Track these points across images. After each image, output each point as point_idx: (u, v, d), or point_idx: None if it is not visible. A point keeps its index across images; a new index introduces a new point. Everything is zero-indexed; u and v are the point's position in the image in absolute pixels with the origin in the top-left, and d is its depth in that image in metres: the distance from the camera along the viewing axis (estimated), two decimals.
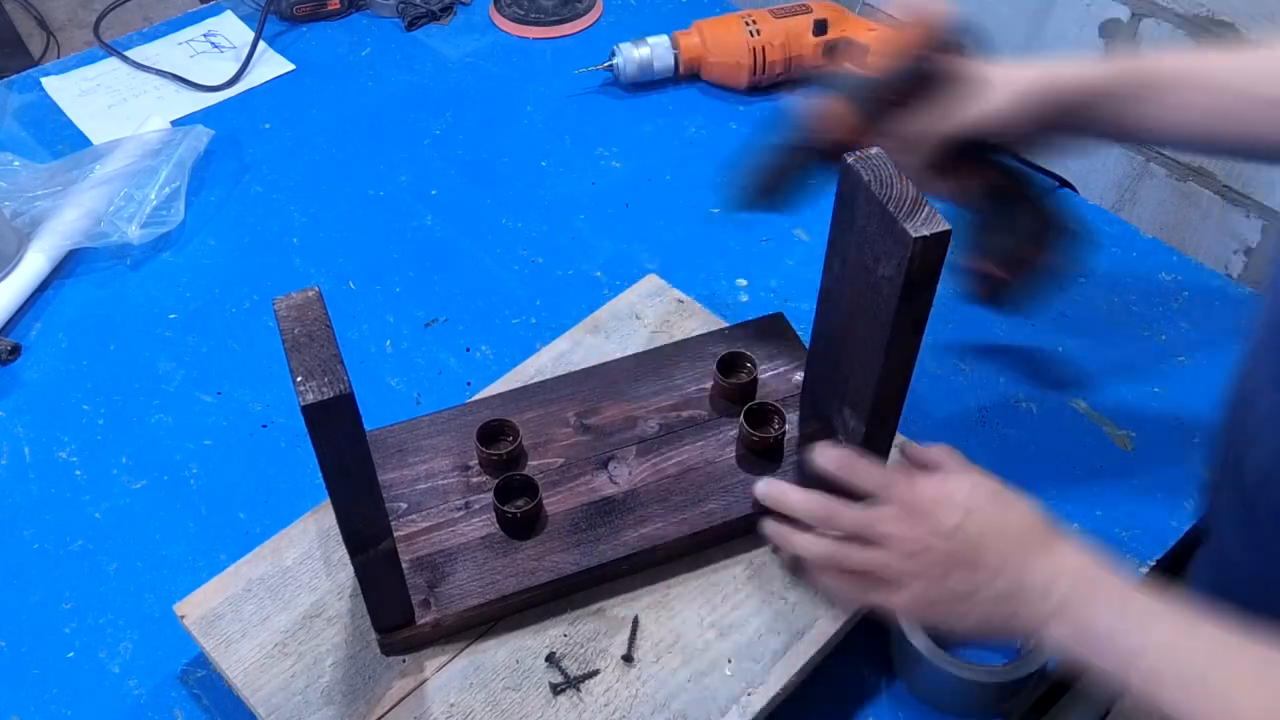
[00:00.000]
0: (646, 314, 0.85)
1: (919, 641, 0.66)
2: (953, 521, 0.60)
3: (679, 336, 0.82)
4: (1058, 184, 1.06)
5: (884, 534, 0.62)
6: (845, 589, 0.65)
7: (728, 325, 0.81)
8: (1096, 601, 0.56)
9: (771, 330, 0.80)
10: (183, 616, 0.66)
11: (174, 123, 1.11)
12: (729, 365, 0.76)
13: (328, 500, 0.61)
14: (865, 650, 0.70)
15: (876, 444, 0.68)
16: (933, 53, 0.65)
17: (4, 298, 0.92)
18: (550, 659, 0.64)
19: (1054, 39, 1.20)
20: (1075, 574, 0.58)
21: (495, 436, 0.72)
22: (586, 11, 1.28)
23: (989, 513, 0.61)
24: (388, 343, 0.91)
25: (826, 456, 0.66)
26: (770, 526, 0.67)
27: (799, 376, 0.76)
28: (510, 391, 0.77)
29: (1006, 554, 0.60)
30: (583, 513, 0.69)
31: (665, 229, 1.01)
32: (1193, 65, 0.67)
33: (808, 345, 0.74)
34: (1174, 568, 0.79)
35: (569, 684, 0.63)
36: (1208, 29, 1.06)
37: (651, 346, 0.80)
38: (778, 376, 0.77)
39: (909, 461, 0.68)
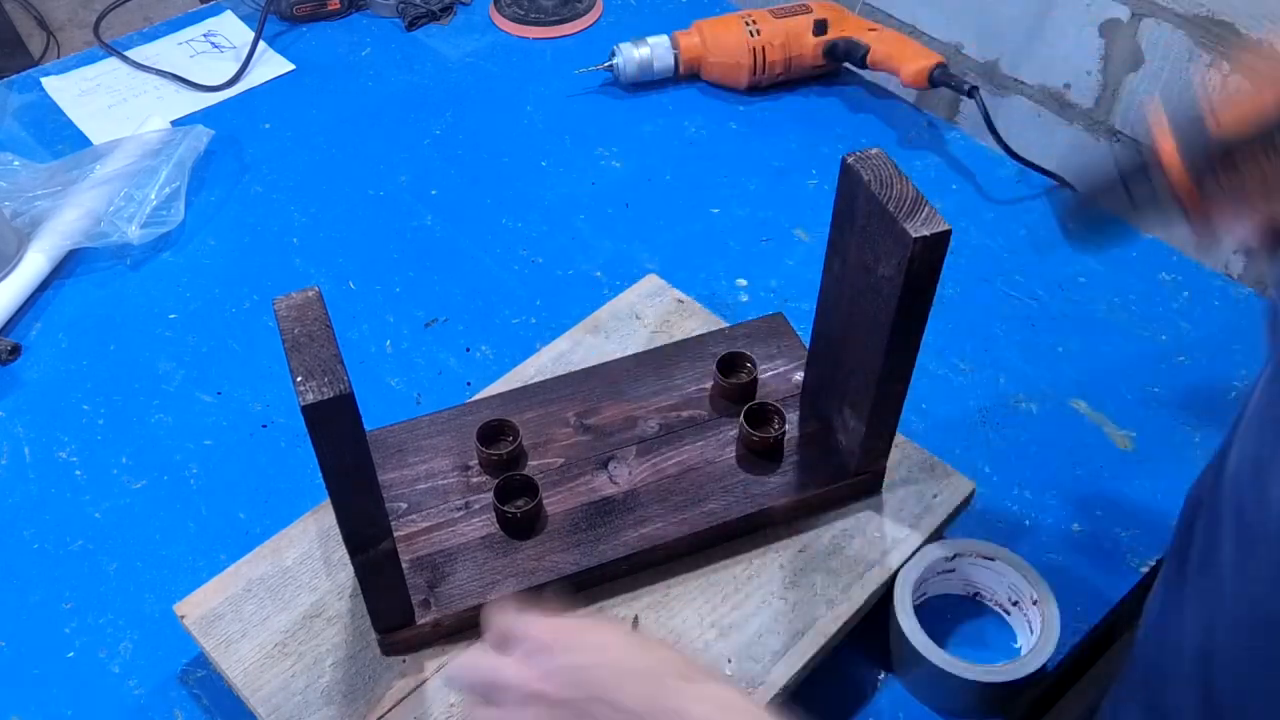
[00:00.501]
0: (646, 314, 0.85)
1: (919, 641, 0.66)
2: (573, 661, 0.52)
3: (679, 336, 0.82)
4: (1057, 184, 1.06)
5: (501, 683, 0.53)
6: None
7: (728, 325, 0.81)
8: None
9: (771, 330, 0.80)
10: (183, 616, 0.66)
11: (174, 123, 1.11)
12: (729, 365, 0.76)
13: (328, 500, 0.61)
14: (865, 650, 0.70)
15: (876, 444, 0.69)
16: None
17: (4, 298, 0.92)
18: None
19: (1054, 39, 1.20)
20: (705, 715, 0.50)
21: (495, 436, 0.72)
22: (586, 11, 1.28)
23: (613, 651, 0.53)
24: (388, 343, 0.91)
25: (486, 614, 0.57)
26: None
27: (799, 376, 0.76)
28: (510, 391, 0.77)
29: (632, 695, 0.51)
30: (583, 513, 0.69)
31: (665, 229, 1.01)
32: None
33: (808, 345, 0.74)
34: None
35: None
36: (1208, 29, 1.06)
37: (651, 346, 0.80)
38: (778, 376, 0.77)
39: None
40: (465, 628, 0.65)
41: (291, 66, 1.20)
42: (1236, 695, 0.50)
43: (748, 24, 1.14)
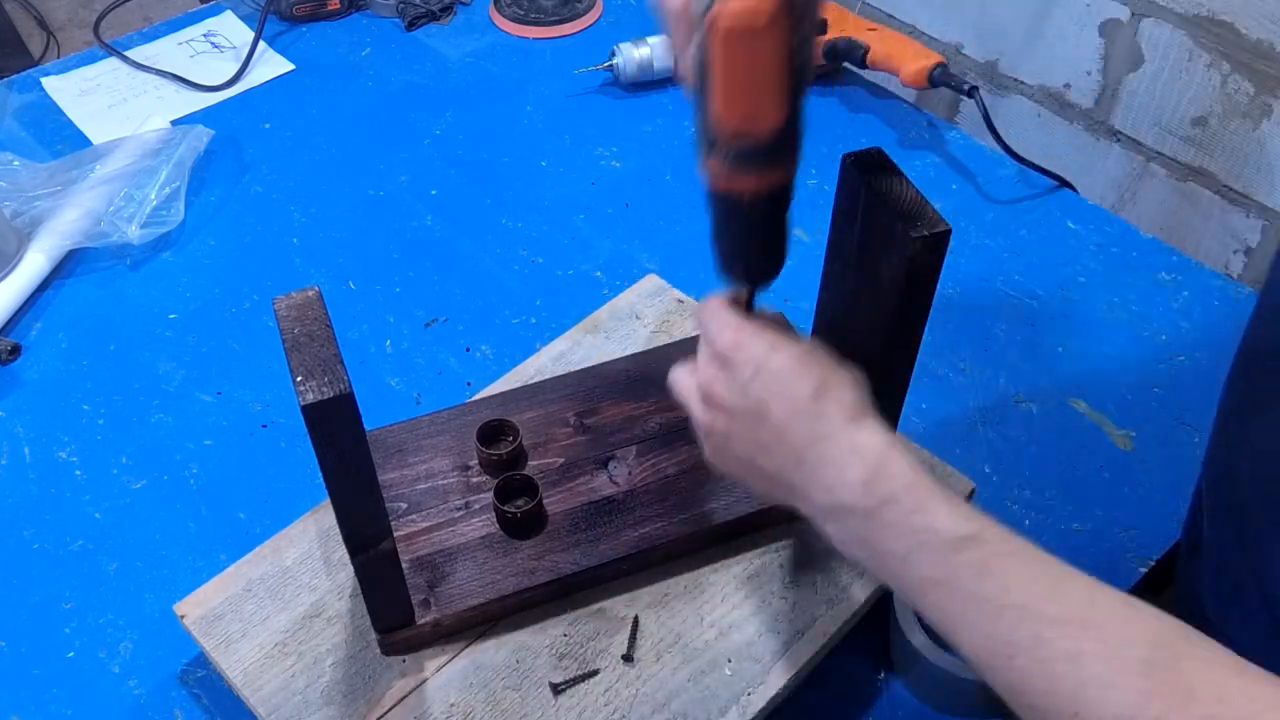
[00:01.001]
0: (646, 314, 0.85)
1: (919, 641, 0.66)
2: (741, 378, 0.54)
3: (679, 336, 0.82)
4: (1057, 184, 1.06)
5: (696, 382, 0.57)
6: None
7: None
8: (883, 517, 0.49)
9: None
10: (183, 616, 0.66)
11: (174, 123, 1.11)
12: None
13: (328, 500, 0.61)
14: (865, 650, 0.70)
15: None
16: None
17: (4, 298, 0.92)
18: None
19: (1054, 39, 1.20)
20: (864, 476, 0.50)
21: (495, 436, 0.72)
22: (586, 11, 1.28)
23: (780, 375, 0.53)
24: (388, 343, 0.91)
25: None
26: None
27: None
28: (510, 391, 0.77)
29: (787, 428, 0.53)
30: (583, 513, 0.69)
31: (665, 229, 1.01)
32: None
33: None
34: (1173, 569, 0.79)
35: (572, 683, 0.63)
36: (1208, 29, 1.07)
37: (651, 346, 0.80)
38: None
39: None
40: (465, 627, 0.65)
41: (291, 66, 1.20)
42: None
43: None
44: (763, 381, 0.53)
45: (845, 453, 0.51)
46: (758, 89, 0.49)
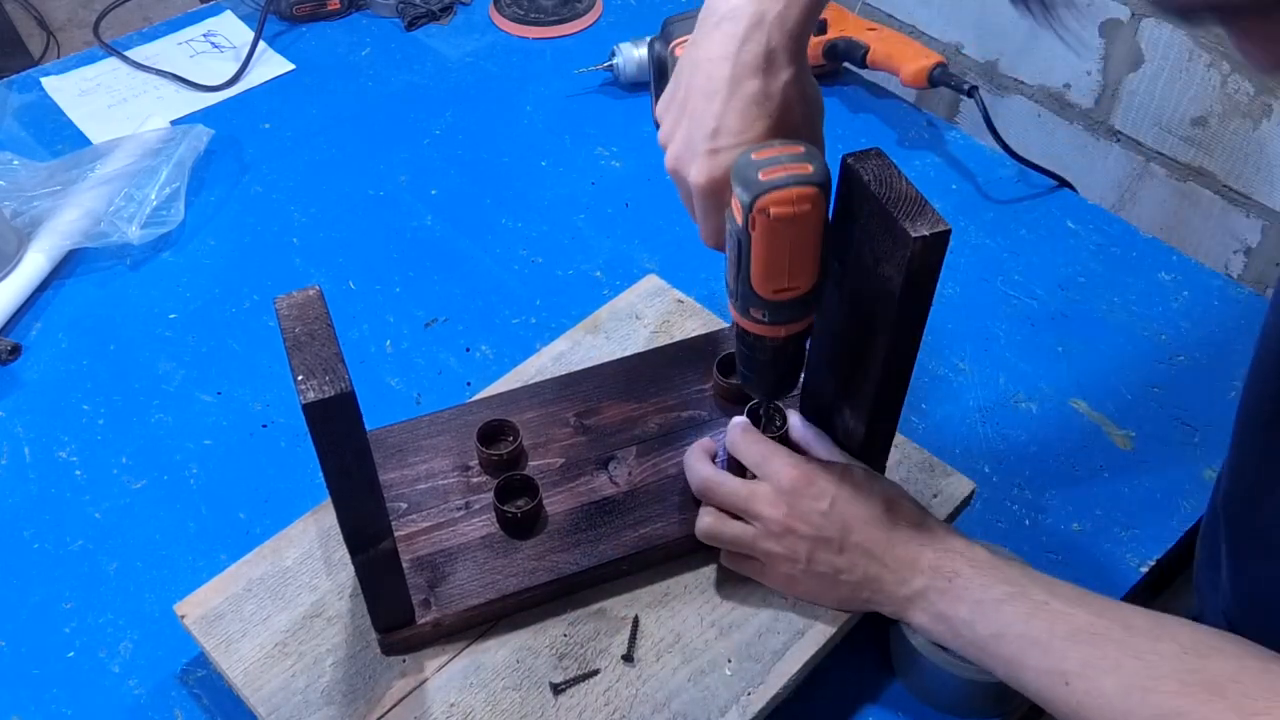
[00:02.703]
0: (646, 314, 0.85)
1: (919, 641, 0.66)
2: (820, 507, 0.62)
3: (679, 336, 0.82)
4: (1057, 184, 1.06)
5: (755, 513, 0.64)
6: (728, 561, 0.67)
7: (728, 325, 0.81)
8: (953, 590, 0.59)
9: None
10: (183, 616, 0.66)
11: (174, 123, 1.11)
12: (729, 365, 0.76)
13: (328, 500, 0.61)
14: (865, 650, 0.70)
15: (876, 444, 0.68)
16: None
17: (4, 298, 0.92)
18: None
19: (1054, 39, 1.19)
20: (934, 564, 0.60)
21: (495, 437, 0.72)
22: (586, 11, 1.28)
23: (855, 499, 0.62)
24: (388, 343, 0.91)
25: (729, 430, 0.68)
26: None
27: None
28: (510, 391, 0.77)
29: (870, 540, 0.62)
30: (583, 513, 0.69)
31: (665, 229, 1.01)
32: None
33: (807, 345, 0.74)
34: (1173, 569, 0.79)
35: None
36: (1208, 29, 1.07)
37: (651, 346, 0.80)
38: None
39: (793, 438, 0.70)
40: (465, 627, 0.65)
41: (291, 66, 1.20)
42: None
43: None
44: (842, 506, 0.62)
45: (917, 547, 0.61)
46: (798, 263, 0.56)
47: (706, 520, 0.66)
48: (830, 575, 0.63)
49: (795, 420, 0.70)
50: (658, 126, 0.62)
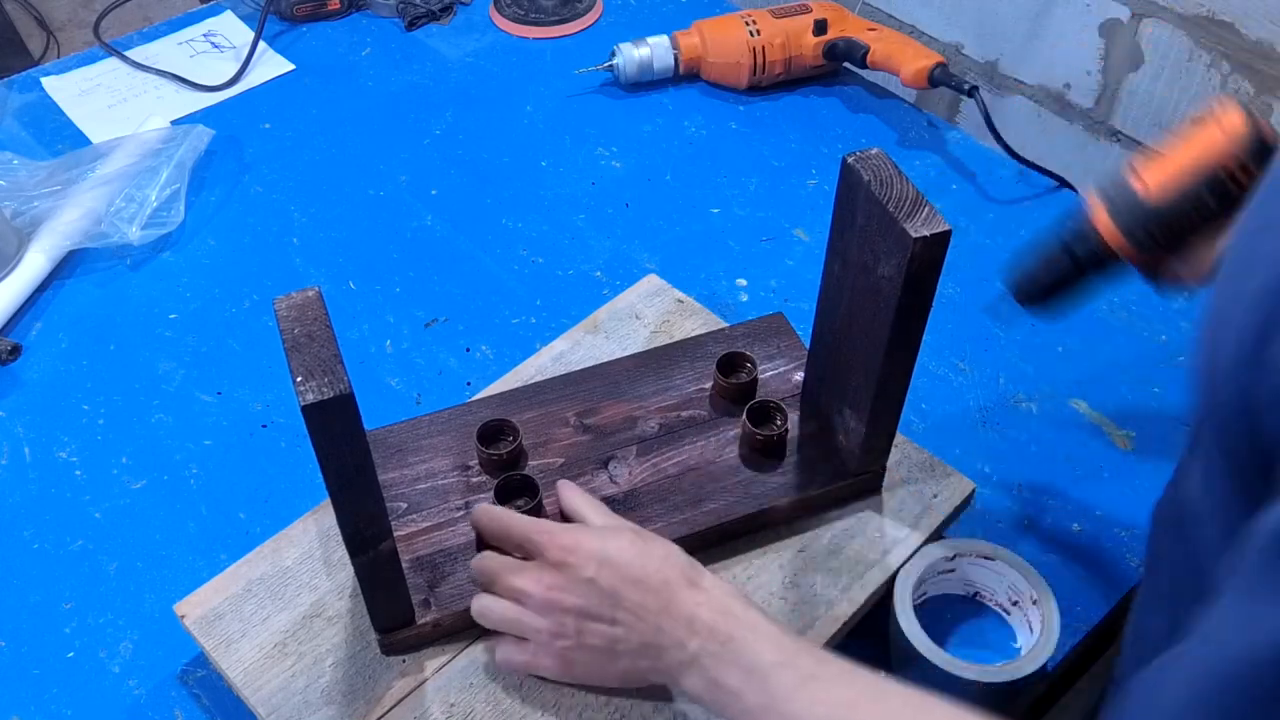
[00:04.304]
0: (646, 314, 0.85)
1: (919, 641, 0.66)
2: (586, 574, 0.58)
3: (679, 336, 0.82)
4: (1057, 184, 1.06)
5: (519, 590, 0.60)
6: (501, 651, 0.63)
7: (728, 325, 0.81)
8: (726, 657, 0.55)
9: (771, 330, 0.80)
10: (183, 616, 0.66)
11: (174, 123, 1.11)
12: (729, 365, 0.76)
13: (328, 500, 0.61)
14: (865, 650, 0.70)
15: (876, 444, 0.68)
16: (1233, 170, 0.57)
17: (4, 298, 0.92)
18: None
19: (1054, 39, 1.20)
20: (710, 625, 0.56)
21: (495, 436, 0.72)
22: (586, 11, 1.28)
23: (624, 562, 0.58)
24: (388, 343, 0.91)
25: (476, 512, 0.65)
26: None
27: (799, 376, 0.76)
28: (510, 391, 0.77)
29: (641, 604, 0.57)
30: None
31: (665, 229, 1.01)
32: None
33: (808, 345, 0.74)
34: None
35: None
36: (1208, 29, 1.06)
37: (651, 346, 0.80)
38: (778, 376, 0.77)
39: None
40: (465, 627, 0.65)
41: (291, 66, 1.20)
42: None
43: (748, 24, 1.14)
44: (610, 570, 0.58)
45: (692, 606, 0.57)
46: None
47: (479, 602, 0.63)
48: (605, 648, 0.59)
49: (566, 490, 0.67)
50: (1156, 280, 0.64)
